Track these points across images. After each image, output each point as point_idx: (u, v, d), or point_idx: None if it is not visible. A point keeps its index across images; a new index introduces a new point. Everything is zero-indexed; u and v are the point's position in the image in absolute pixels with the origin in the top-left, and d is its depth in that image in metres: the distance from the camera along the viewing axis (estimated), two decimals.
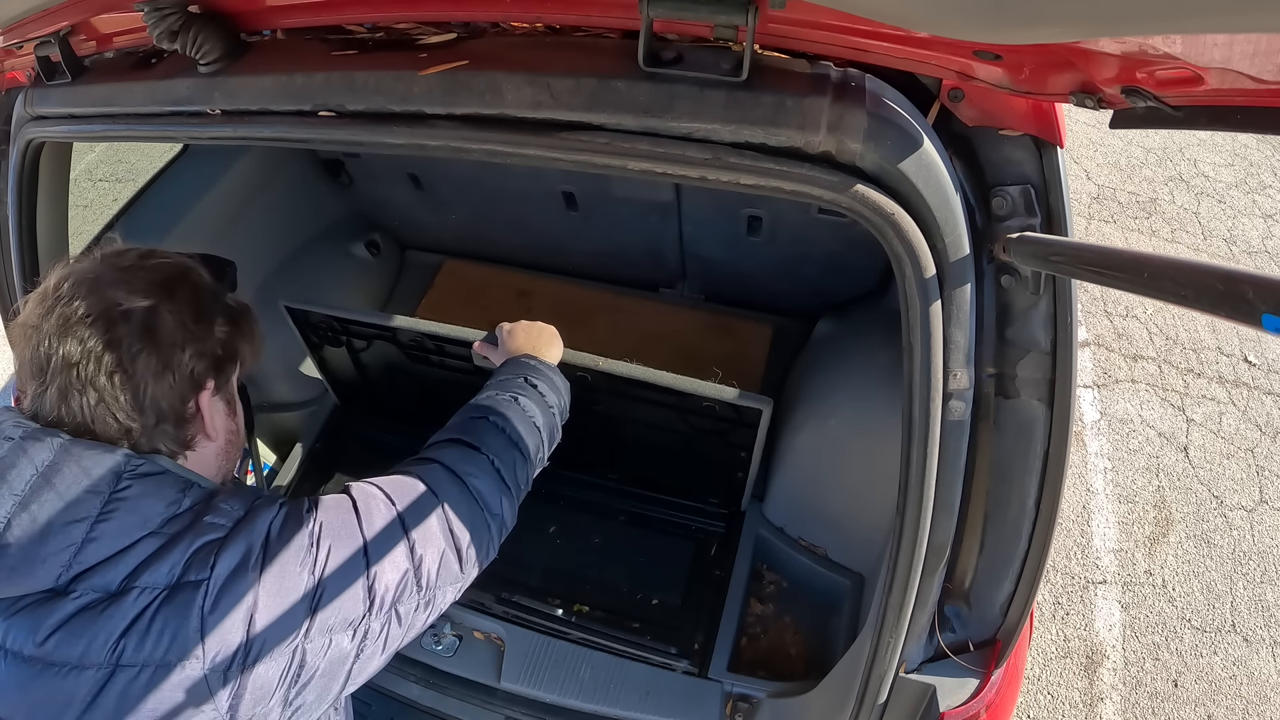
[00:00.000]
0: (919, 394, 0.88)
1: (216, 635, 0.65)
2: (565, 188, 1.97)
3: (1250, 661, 2.28)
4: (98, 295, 0.70)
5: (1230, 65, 0.53)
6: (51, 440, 0.66)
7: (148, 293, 0.72)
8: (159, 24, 0.86)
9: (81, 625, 0.63)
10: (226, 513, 0.72)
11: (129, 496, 0.67)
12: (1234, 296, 0.50)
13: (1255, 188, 3.84)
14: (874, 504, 1.48)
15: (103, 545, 0.65)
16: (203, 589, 0.66)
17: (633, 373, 1.48)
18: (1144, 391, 2.95)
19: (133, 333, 0.69)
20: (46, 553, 0.63)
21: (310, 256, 2.27)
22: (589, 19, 0.86)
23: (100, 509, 0.65)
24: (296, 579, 0.70)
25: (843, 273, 1.98)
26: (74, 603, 0.64)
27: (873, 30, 0.74)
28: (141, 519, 0.67)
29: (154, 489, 0.69)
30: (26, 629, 0.64)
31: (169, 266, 0.76)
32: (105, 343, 0.68)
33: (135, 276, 0.73)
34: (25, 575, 0.63)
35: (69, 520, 0.64)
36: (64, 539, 0.64)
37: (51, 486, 0.65)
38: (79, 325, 0.68)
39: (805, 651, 1.63)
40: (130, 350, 0.69)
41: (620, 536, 1.83)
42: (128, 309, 0.70)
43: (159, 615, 0.64)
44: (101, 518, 0.65)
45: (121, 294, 0.71)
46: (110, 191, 3.82)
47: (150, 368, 0.70)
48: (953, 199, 0.81)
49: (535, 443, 1.00)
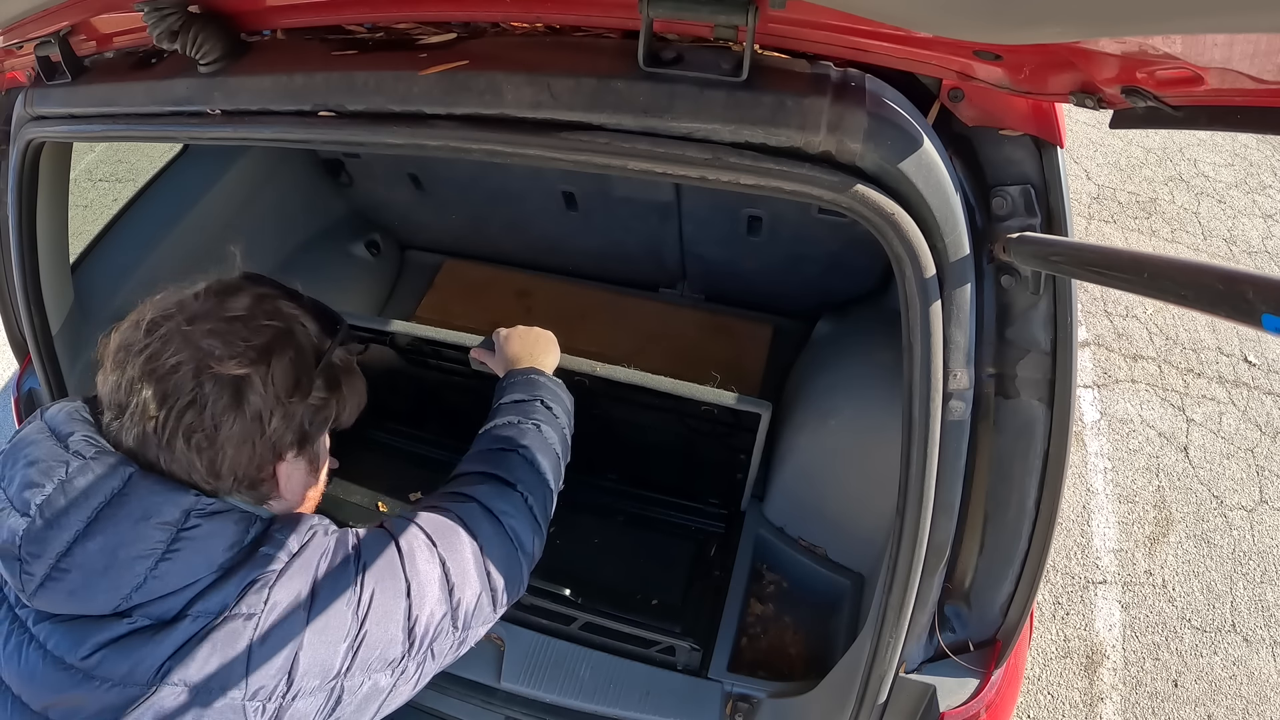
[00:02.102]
0: (919, 394, 0.88)
1: (262, 669, 0.65)
2: (565, 188, 1.97)
3: (1250, 661, 2.28)
4: (192, 349, 0.67)
5: (1230, 65, 0.53)
6: (123, 469, 0.66)
7: (244, 358, 0.69)
8: (159, 24, 0.86)
9: (130, 647, 0.63)
10: (281, 544, 0.70)
11: (196, 536, 0.66)
12: (1234, 296, 0.50)
13: (1255, 188, 3.84)
14: (874, 504, 1.48)
15: (165, 582, 0.64)
16: (254, 622, 0.65)
17: (630, 378, 1.48)
18: (1144, 391, 2.95)
19: (220, 399, 0.67)
20: (109, 584, 0.63)
21: (310, 256, 2.27)
22: (589, 19, 0.86)
23: (167, 546, 0.65)
24: (341, 619, 0.69)
25: (843, 273, 1.98)
26: (126, 625, 0.64)
27: (873, 30, 0.74)
28: (207, 558, 0.66)
29: (220, 527, 0.68)
30: (71, 640, 0.64)
31: (274, 329, 0.73)
32: (189, 403, 0.67)
33: (236, 336, 0.70)
34: (85, 600, 0.63)
35: (135, 555, 0.64)
36: (128, 573, 0.63)
37: (119, 518, 0.64)
38: (167, 376, 0.67)
39: (805, 651, 1.63)
40: (214, 417, 0.67)
41: (620, 537, 1.83)
42: (219, 374, 0.67)
43: (207, 642, 0.64)
44: (167, 556, 0.64)
45: (218, 353, 0.68)
46: (110, 191, 3.82)
47: (232, 439, 0.68)
48: (953, 199, 0.81)
49: (557, 472, 1.00)
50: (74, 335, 1.54)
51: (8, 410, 2.76)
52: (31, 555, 0.63)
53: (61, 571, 0.63)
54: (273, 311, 0.75)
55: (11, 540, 0.64)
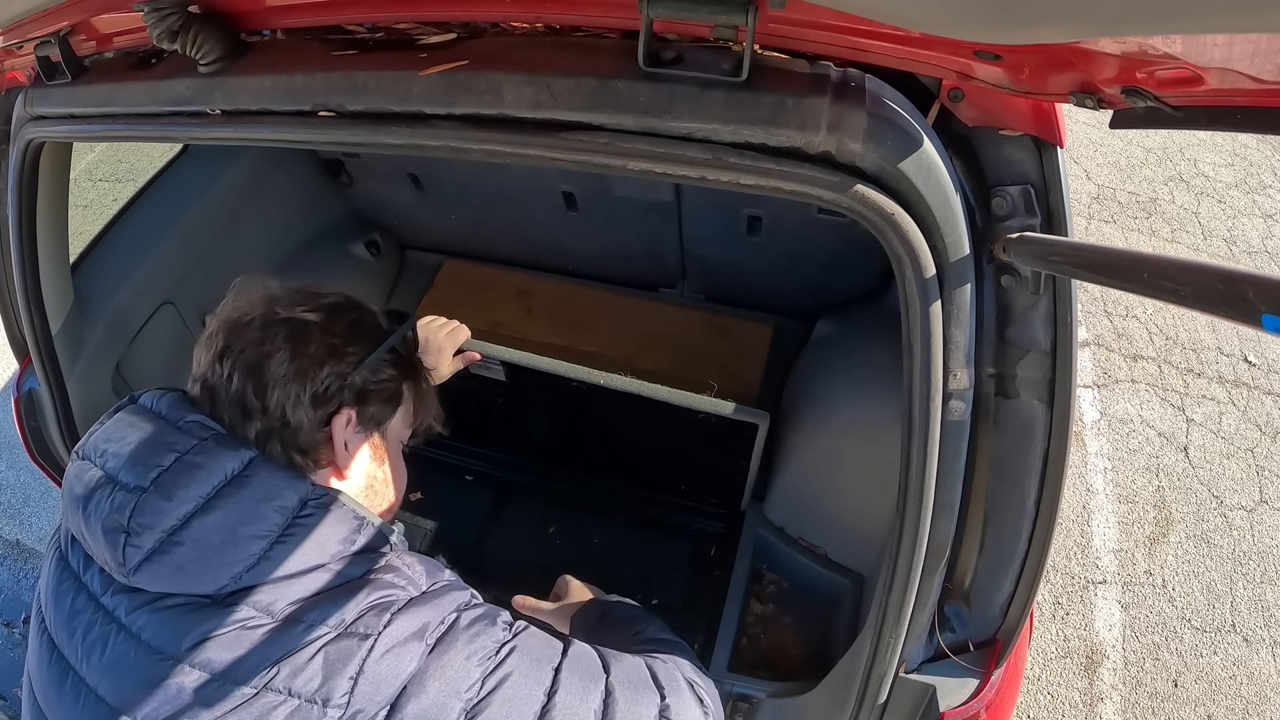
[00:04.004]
0: (919, 394, 0.88)
1: (366, 691, 0.61)
2: (565, 188, 1.97)
3: (1250, 661, 2.28)
4: (266, 304, 0.74)
5: (1230, 65, 0.53)
6: (244, 452, 0.67)
7: (308, 308, 0.74)
8: (159, 24, 0.86)
9: (236, 640, 0.62)
10: (410, 578, 0.69)
11: (310, 524, 0.66)
12: (1234, 296, 0.50)
13: (1255, 188, 3.84)
14: (874, 504, 1.48)
15: (277, 565, 0.64)
16: (370, 642, 0.62)
17: (629, 387, 1.48)
18: (1144, 391, 2.95)
19: (279, 334, 0.71)
20: (222, 560, 0.63)
21: (310, 256, 2.27)
22: (589, 19, 0.86)
23: (283, 529, 0.65)
24: (466, 672, 0.63)
25: (843, 273, 1.98)
26: (232, 615, 0.62)
27: (873, 30, 0.74)
28: (320, 546, 0.66)
29: (334, 519, 0.68)
30: (173, 629, 0.62)
31: (341, 296, 0.79)
32: (253, 341, 0.71)
33: (305, 296, 0.75)
34: (193, 576, 0.63)
35: (253, 534, 0.64)
36: (242, 551, 0.63)
37: (241, 496, 0.65)
38: (243, 328, 0.72)
39: (805, 651, 1.63)
40: (270, 350, 0.70)
41: (620, 537, 1.83)
42: (285, 317, 0.72)
43: (320, 654, 0.62)
44: (282, 538, 0.65)
45: (283, 305, 0.73)
46: (110, 191, 3.82)
47: (281, 371, 0.70)
48: (953, 199, 0.81)
49: None
50: (74, 335, 1.54)
51: (8, 410, 2.76)
52: (142, 526, 0.62)
53: (173, 544, 0.62)
54: (339, 289, 0.80)
55: (120, 511, 0.63)
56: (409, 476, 0.87)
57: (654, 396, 1.47)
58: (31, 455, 1.64)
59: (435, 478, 1.90)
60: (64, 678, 0.66)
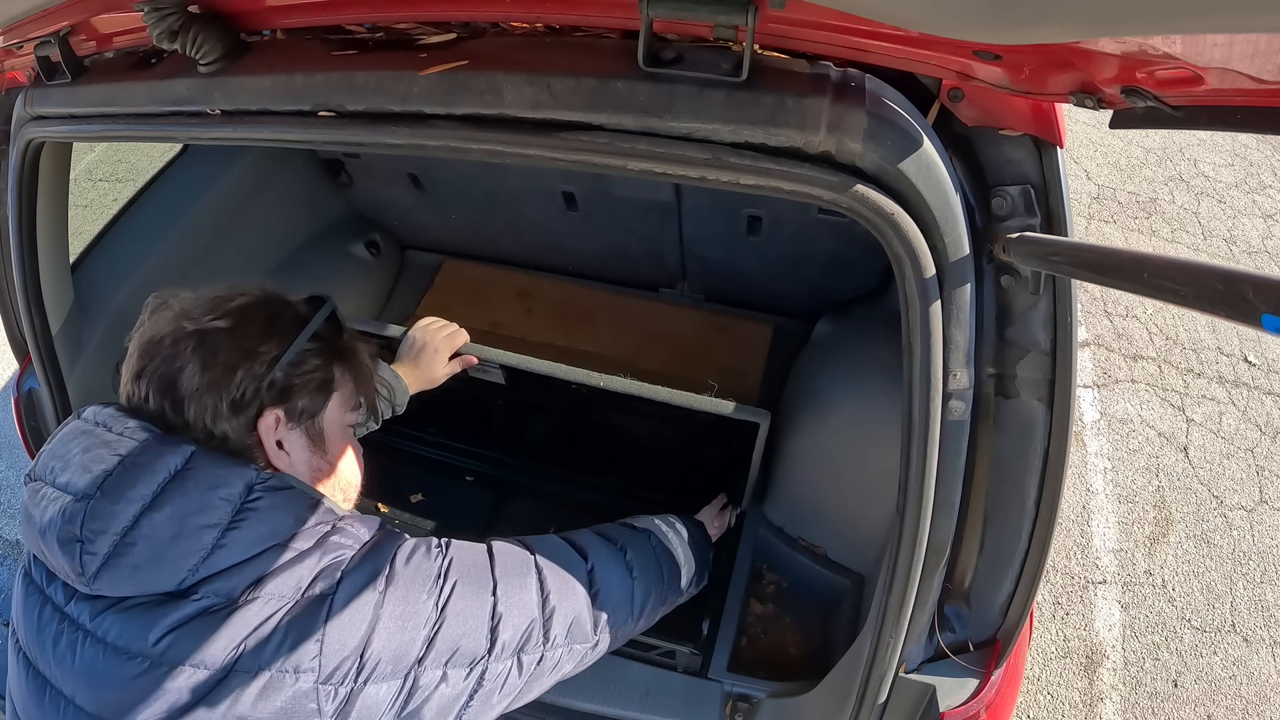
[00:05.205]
0: (919, 394, 0.88)
1: (334, 648, 0.65)
2: (565, 188, 1.97)
3: (1250, 661, 2.28)
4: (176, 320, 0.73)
5: (1230, 65, 0.53)
6: (185, 447, 0.68)
7: (216, 315, 0.73)
8: (159, 24, 0.86)
9: (201, 628, 0.63)
10: (354, 535, 0.72)
11: (260, 508, 0.68)
12: (1234, 296, 0.50)
13: (1255, 188, 3.84)
14: (874, 504, 1.48)
15: (232, 552, 0.65)
16: (328, 602, 0.66)
17: (628, 388, 1.48)
18: (1144, 391, 2.95)
19: (186, 349, 0.71)
20: (175, 554, 0.64)
21: (310, 256, 2.27)
22: (589, 19, 0.86)
23: (232, 516, 0.66)
24: (419, 605, 0.69)
25: (843, 273, 1.98)
26: (194, 605, 0.64)
27: (872, 30, 0.74)
28: (271, 529, 0.68)
29: (284, 502, 0.70)
30: (138, 627, 0.63)
31: (252, 295, 0.78)
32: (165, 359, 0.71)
33: (214, 304, 0.75)
34: (150, 575, 0.63)
35: (203, 525, 0.65)
36: (195, 543, 0.64)
37: (186, 489, 0.65)
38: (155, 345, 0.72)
39: (805, 651, 1.63)
40: (179, 365, 0.70)
41: None
42: (193, 330, 0.72)
43: (281, 624, 0.64)
44: (233, 525, 0.66)
45: (192, 317, 0.73)
46: (110, 191, 3.82)
47: (194, 384, 0.71)
48: (953, 199, 0.81)
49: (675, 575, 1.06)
50: (74, 335, 1.54)
51: (8, 410, 2.76)
52: (95, 532, 0.63)
53: (127, 545, 0.63)
54: (254, 288, 0.79)
55: (72, 521, 0.64)
56: (412, 477, 0.88)
57: (654, 398, 1.47)
58: (31, 455, 1.64)
59: (435, 478, 1.90)
60: (42, 692, 0.66)
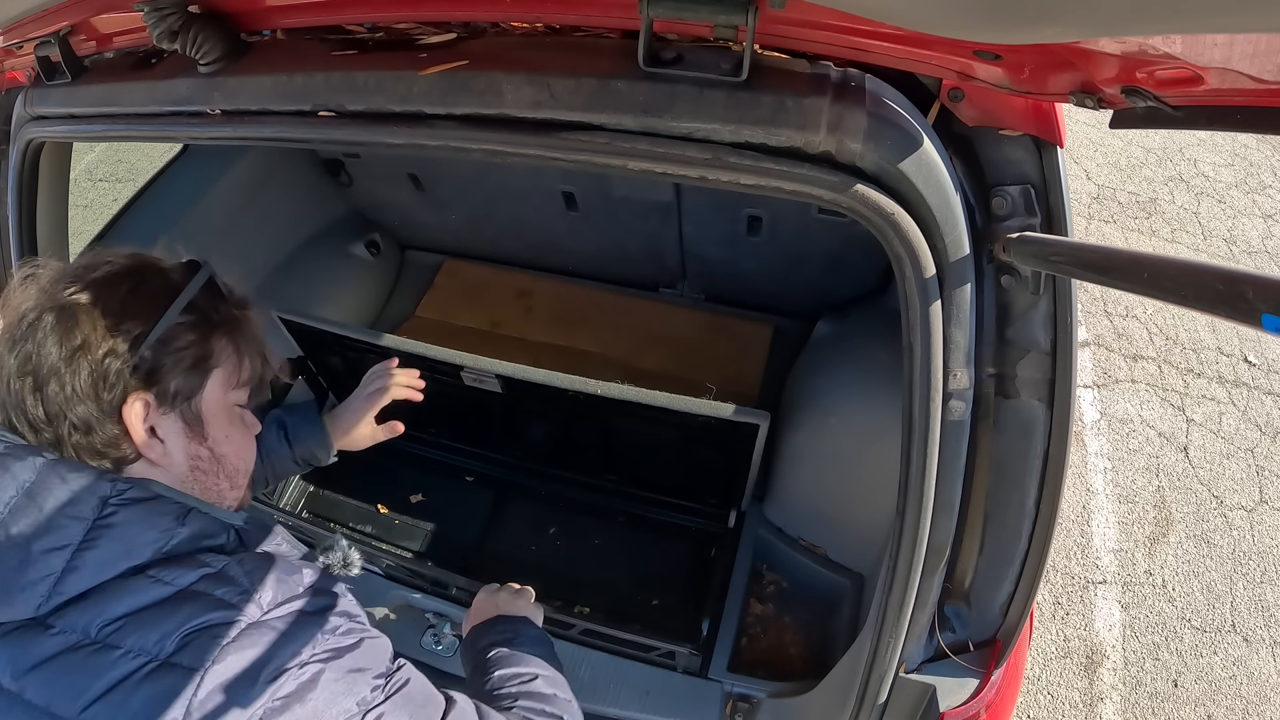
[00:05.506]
0: (919, 394, 0.88)
1: None
2: (565, 188, 1.97)
3: (1250, 661, 2.28)
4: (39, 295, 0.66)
5: (1230, 65, 0.53)
6: (33, 460, 0.62)
7: (77, 288, 0.66)
8: (159, 24, 0.86)
9: (58, 670, 0.57)
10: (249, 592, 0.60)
11: (114, 524, 0.61)
12: (1234, 296, 0.50)
13: (1255, 188, 3.84)
14: (874, 504, 1.48)
15: (84, 575, 0.59)
16: (197, 679, 0.55)
17: (625, 394, 1.48)
18: (1144, 391, 2.95)
19: (44, 327, 0.64)
20: (26, 580, 0.58)
21: (310, 256, 2.27)
22: (589, 19, 0.86)
23: (83, 536, 0.60)
24: None
25: (843, 273, 1.98)
26: (53, 640, 0.58)
27: (873, 30, 0.74)
28: (126, 548, 0.60)
29: (142, 516, 0.62)
30: (8, 657, 0.58)
31: (117, 264, 0.69)
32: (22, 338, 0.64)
33: (76, 274, 0.67)
34: (4, 602, 0.59)
35: (50, 547, 0.59)
36: (44, 567, 0.58)
37: (32, 510, 0.60)
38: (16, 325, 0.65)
39: (805, 651, 1.63)
40: (36, 345, 0.64)
41: (620, 538, 1.83)
42: (51, 305, 0.65)
43: (140, 690, 0.55)
44: (84, 545, 0.59)
45: (53, 291, 0.66)
46: (110, 191, 3.82)
47: (49, 366, 0.63)
48: (953, 199, 0.81)
49: None
50: None
51: None
52: None
53: None
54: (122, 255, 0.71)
55: None
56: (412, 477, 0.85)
57: (652, 403, 1.47)
58: None
59: (435, 479, 1.90)
60: None
